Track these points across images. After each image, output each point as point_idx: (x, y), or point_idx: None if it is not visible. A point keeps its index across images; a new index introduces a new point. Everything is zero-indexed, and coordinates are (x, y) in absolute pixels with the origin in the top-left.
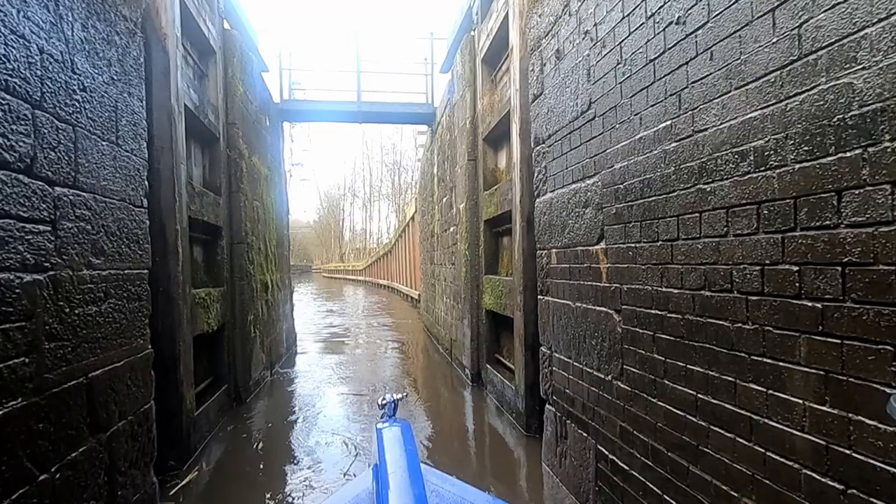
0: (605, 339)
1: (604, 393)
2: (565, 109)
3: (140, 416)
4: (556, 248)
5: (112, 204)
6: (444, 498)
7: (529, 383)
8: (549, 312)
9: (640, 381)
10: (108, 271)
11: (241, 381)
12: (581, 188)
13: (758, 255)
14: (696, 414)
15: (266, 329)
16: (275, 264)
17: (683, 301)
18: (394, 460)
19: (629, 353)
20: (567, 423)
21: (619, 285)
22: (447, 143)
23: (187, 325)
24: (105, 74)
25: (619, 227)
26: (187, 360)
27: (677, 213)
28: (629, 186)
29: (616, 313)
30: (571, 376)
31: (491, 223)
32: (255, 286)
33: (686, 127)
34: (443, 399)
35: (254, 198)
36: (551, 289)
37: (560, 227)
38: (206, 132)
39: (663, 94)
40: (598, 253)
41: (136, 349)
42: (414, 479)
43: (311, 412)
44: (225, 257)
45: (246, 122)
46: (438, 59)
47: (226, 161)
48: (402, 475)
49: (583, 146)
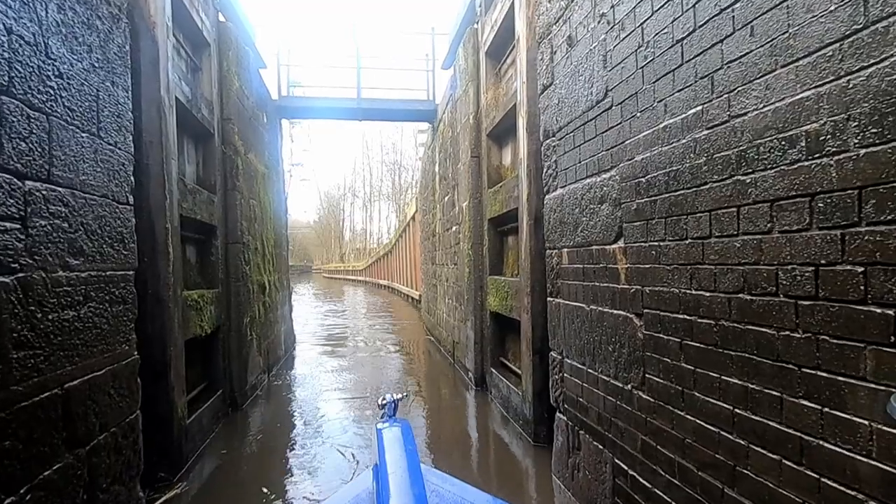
0: (623, 345)
1: (622, 403)
2: (578, 99)
3: (125, 428)
4: (567, 248)
5: (93, 200)
6: (444, 498)
7: (537, 389)
8: (559, 315)
9: (665, 391)
10: (87, 273)
11: (237, 386)
12: (596, 183)
13: (811, 254)
14: (732, 430)
15: (263, 331)
16: (272, 265)
17: (717, 305)
18: (394, 460)
19: (652, 361)
20: (580, 433)
21: (641, 287)
22: (449, 140)
23: (178, 329)
24: (85, 61)
25: (641, 224)
26: (178, 365)
27: (710, 207)
28: (652, 180)
29: (637, 317)
30: (585, 384)
31: (495, 222)
32: (252, 287)
33: (720, 112)
34: (445, 404)
35: (250, 196)
36: (562, 290)
37: (572, 225)
38: (200, 127)
39: (692, 78)
40: (615, 252)
41: (120, 356)
42: (414, 479)
43: (310, 419)
44: (220, 258)
45: (242, 117)
46: (440, 55)
47: (220, 158)
48: (402, 475)
49: (598, 138)
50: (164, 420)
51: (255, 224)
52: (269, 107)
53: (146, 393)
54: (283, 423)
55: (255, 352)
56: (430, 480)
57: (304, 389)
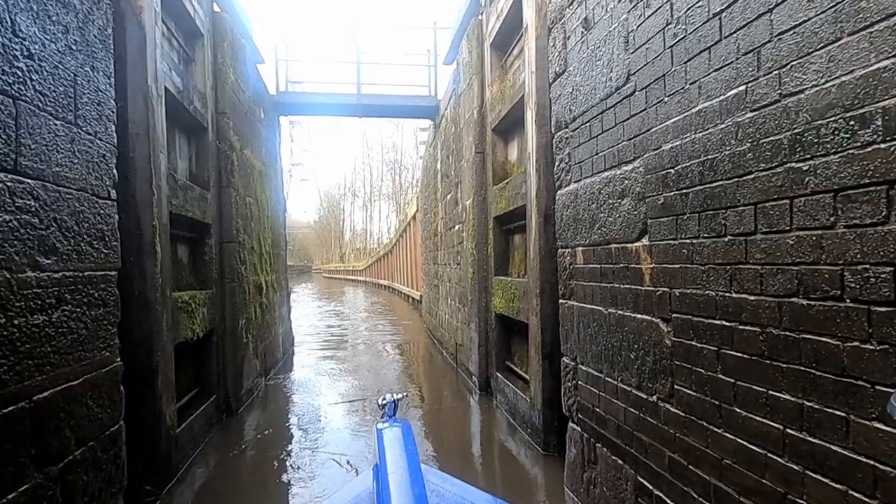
0: (648, 352)
1: (647, 416)
2: (595, 86)
3: (105, 441)
4: (582, 246)
5: (68, 194)
6: (444, 498)
7: (547, 396)
8: (573, 319)
9: (699, 405)
10: (62, 273)
11: (231, 390)
12: (616, 176)
13: (888, 252)
14: (782, 453)
15: (260, 334)
16: (270, 264)
17: (764, 310)
18: (394, 460)
19: (682, 371)
20: (597, 446)
21: (668, 289)
22: (452, 136)
23: (167, 333)
24: (60, 42)
25: (669, 219)
26: (167, 371)
27: (755, 199)
28: (683, 170)
29: (664, 322)
30: (603, 393)
31: (501, 220)
32: (248, 288)
33: (769, 91)
34: (449, 409)
35: (246, 193)
36: (576, 292)
37: (588, 222)
38: (193, 121)
39: (733, 54)
40: (638, 251)
41: (99, 363)
42: (414, 479)
43: (308, 425)
44: (214, 257)
45: (237, 112)
46: (441, 50)
47: (215, 153)
48: (403, 475)
49: (618, 127)
50: (151, 429)
51: (251, 222)
52: (267, 102)
53: (132, 401)
54: (279, 431)
55: (251, 355)
56: (430, 480)
57: (302, 394)
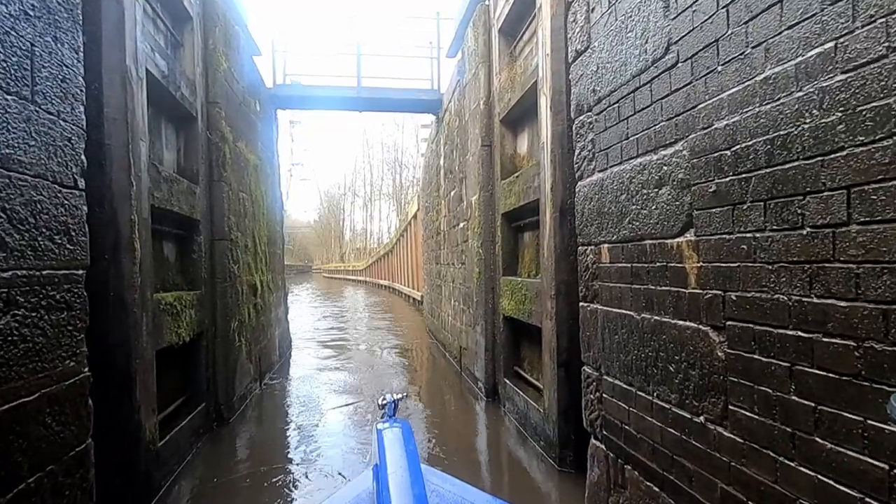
0: (693, 365)
1: (691, 439)
2: (626, 62)
3: (68, 464)
4: (608, 243)
5: (21, 181)
6: (444, 498)
7: (563, 407)
8: (596, 324)
9: (764, 432)
10: (12, 272)
11: (222, 397)
12: (652, 162)
13: None
14: (888, 500)
15: (254, 336)
16: (265, 264)
17: (861, 319)
18: (394, 460)
19: (740, 389)
20: (626, 468)
21: (721, 292)
22: (456, 130)
23: (147, 338)
24: (13, 5)
25: (723, 210)
26: (147, 379)
27: (848, 182)
28: (743, 151)
29: (714, 331)
30: (633, 409)
31: (510, 217)
32: (241, 288)
33: (870, 45)
34: (453, 417)
35: (240, 188)
36: (601, 294)
37: (616, 216)
38: (181, 109)
39: (817, 4)
40: (681, 247)
41: (62, 375)
42: (414, 480)
43: (305, 434)
44: (203, 255)
45: (230, 102)
46: (445, 42)
47: (205, 145)
48: (403, 475)
49: (655, 106)
50: (128, 445)
51: (245, 219)
52: (263, 95)
53: (107, 413)
54: (273, 441)
55: (244, 359)
56: (430, 480)
57: (299, 399)
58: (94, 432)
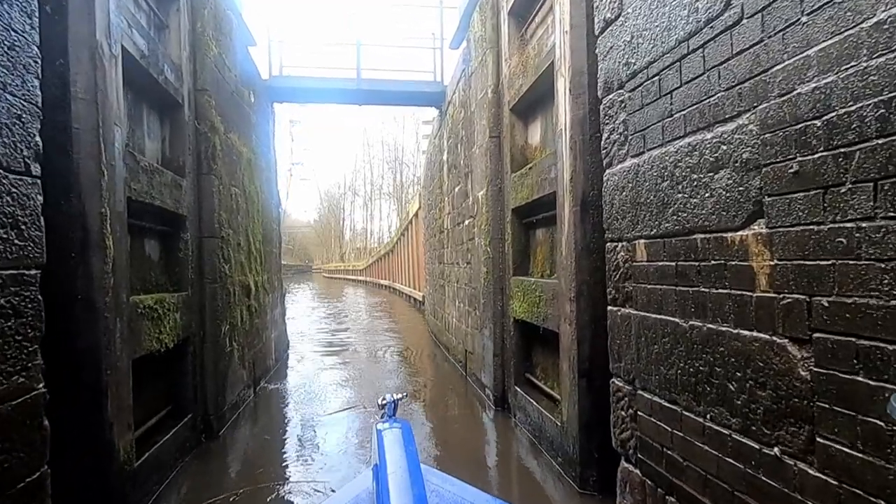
0: (763, 385)
1: (760, 474)
2: (670, 26)
3: (18, 497)
4: (645, 238)
5: None
6: (444, 498)
7: (585, 421)
8: (629, 331)
9: (872, 475)
10: None
11: (212, 407)
12: (706, 141)
13: None
14: None
15: (248, 340)
16: (260, 263)
17: None
18: (394, 460)
19: (833, 418)
20: (668, 499)
21: (806, 297)
22: (461, 122)
23: (122, 345)
24: None
25: (809, 194)
26: (121, 392)
27: None
28: (842, 119)
29: (795, 345)
30: (679, 432)
31: (521, 212)
32: (233, 289)
33: None
34: (460, 427)
35: (231, 183)
36: (635, 297)
37: (656, 206)
38: (165, 95)
39: None
40: (745, 242)
41: (11, 393)
42: (414, 480)
43: (301, 446)
44: (191, 254)
45: (221, 90)
46: (448, 32)
47: (193, 134)
48: (402, 475)
49: (710, 73)
50: (99, 466)
51: (237, 216)
52: (258, 86)
53: (74, 432)
54: (266, 455)
55: (236, 365)
56: (430, 480)
57: (295, 407)
58: (60, 454)
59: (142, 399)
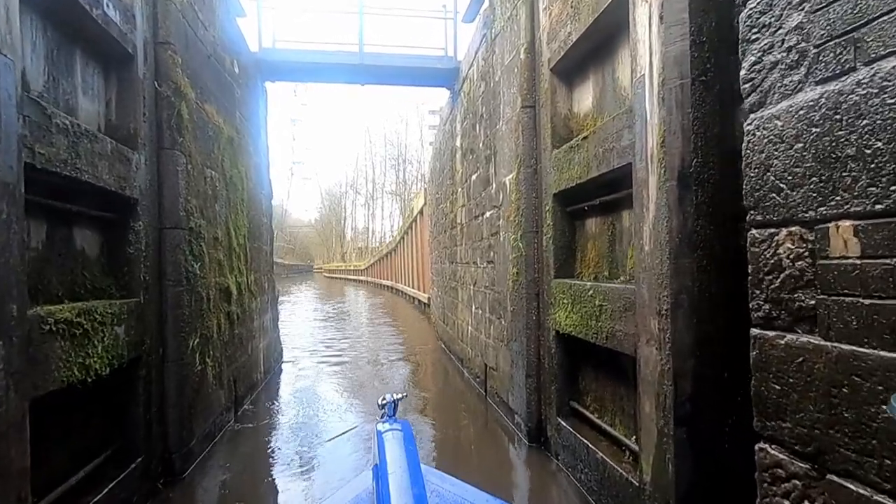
0: None
1: None
2: None
3: None
4: (852, 218)
5: None
6: (444, 498)
7: (683, 491)
8: (808, 372)
9: None
10: None
11: (174, 443)
12: None
13: None
14: None
15: (227, 353)
16: (245, 262)
17: None
18: (394, 460)
19: None
20: None
21: None
22: (480, 98)
23: (11, 380)
24: None
25: None
26: (14, 449)
27: None
28: None
29: None
30: None
31: (566, 197)
32: (207, 293)
33: None
34: (482, 468)
35: (206, 164)
36: (828, 318)
37: (871, 164)
38: (108, 41)
39: None
40: None
41: None
42: (414, 480)
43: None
44: (145, 249)
45: (194, 50)
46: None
47: (151, 97)
48: (403, 475)
49: None
50: None
51: (213, 204)
52: (246, 58)
53: None
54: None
55: (210, 386)
56: (430, 480)
57: (286, 432)
58: None
59: (60, 449)
